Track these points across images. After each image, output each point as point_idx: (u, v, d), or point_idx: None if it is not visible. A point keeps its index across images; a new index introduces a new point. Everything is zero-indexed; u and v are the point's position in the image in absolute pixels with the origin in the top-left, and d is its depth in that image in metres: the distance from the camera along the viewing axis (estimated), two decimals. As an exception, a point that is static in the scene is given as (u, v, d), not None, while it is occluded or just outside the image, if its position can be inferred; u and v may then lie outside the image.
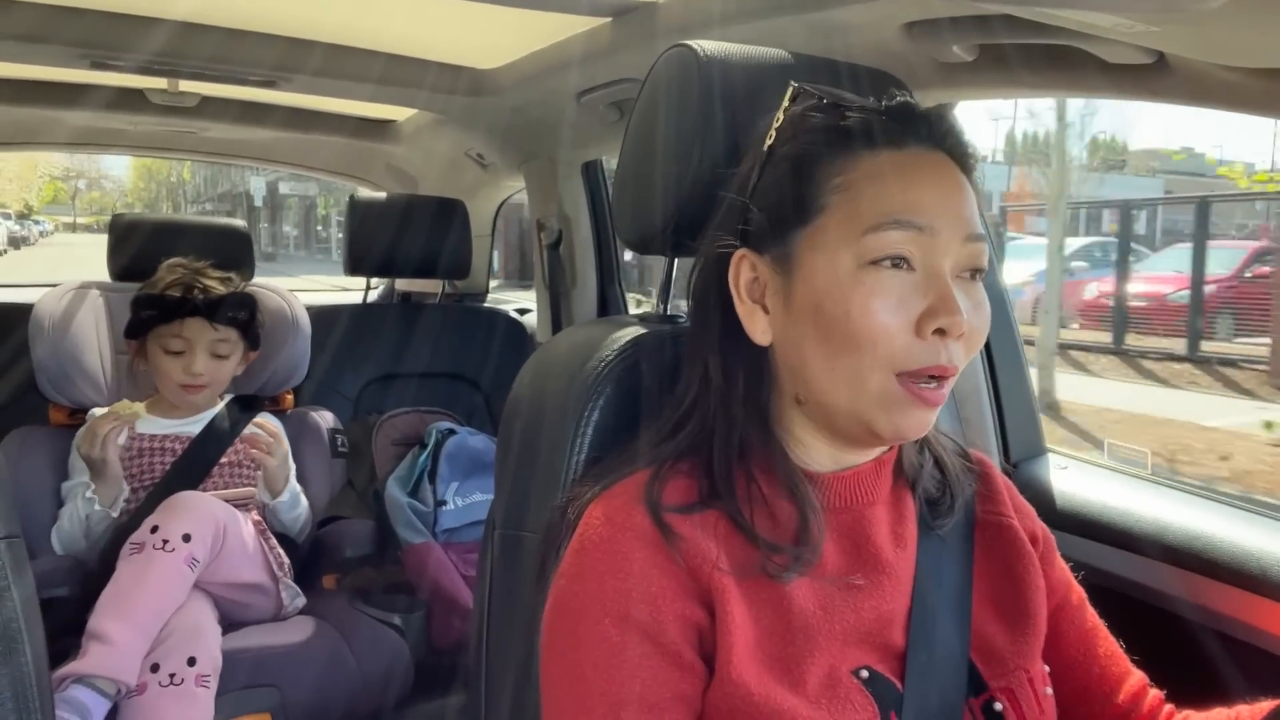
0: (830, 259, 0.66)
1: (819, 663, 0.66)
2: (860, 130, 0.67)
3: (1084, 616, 0.81)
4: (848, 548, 0.71)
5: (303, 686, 1.54)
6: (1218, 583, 0.99)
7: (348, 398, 2.20)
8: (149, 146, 2.82)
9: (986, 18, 0.99)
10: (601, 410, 0.78)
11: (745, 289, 0.70)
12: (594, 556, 0.66)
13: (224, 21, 1.65)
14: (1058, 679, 0.77)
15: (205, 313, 1.75)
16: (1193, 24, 0.71)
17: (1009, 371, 1.35)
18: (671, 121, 0.78)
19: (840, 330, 0.65)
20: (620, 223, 0.87)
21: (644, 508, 0.66)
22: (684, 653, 0.64)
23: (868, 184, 0.66)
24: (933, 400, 0.66)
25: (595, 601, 0.65)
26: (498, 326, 2.42)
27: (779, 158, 0.69)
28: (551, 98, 1.75)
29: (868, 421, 0.67)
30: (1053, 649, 0.78)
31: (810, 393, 0.69)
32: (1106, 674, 0.79)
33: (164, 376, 1.75)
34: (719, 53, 0.79)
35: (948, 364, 0.65)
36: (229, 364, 1.80)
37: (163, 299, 1.74)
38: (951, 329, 0.65)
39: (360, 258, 2.26)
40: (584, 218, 2.18)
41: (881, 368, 0.65)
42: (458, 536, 1.87)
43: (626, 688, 0.62)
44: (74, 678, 1.33)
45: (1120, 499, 1.14)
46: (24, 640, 0.91)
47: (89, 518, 1.65)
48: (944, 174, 0.68)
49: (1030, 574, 0.76)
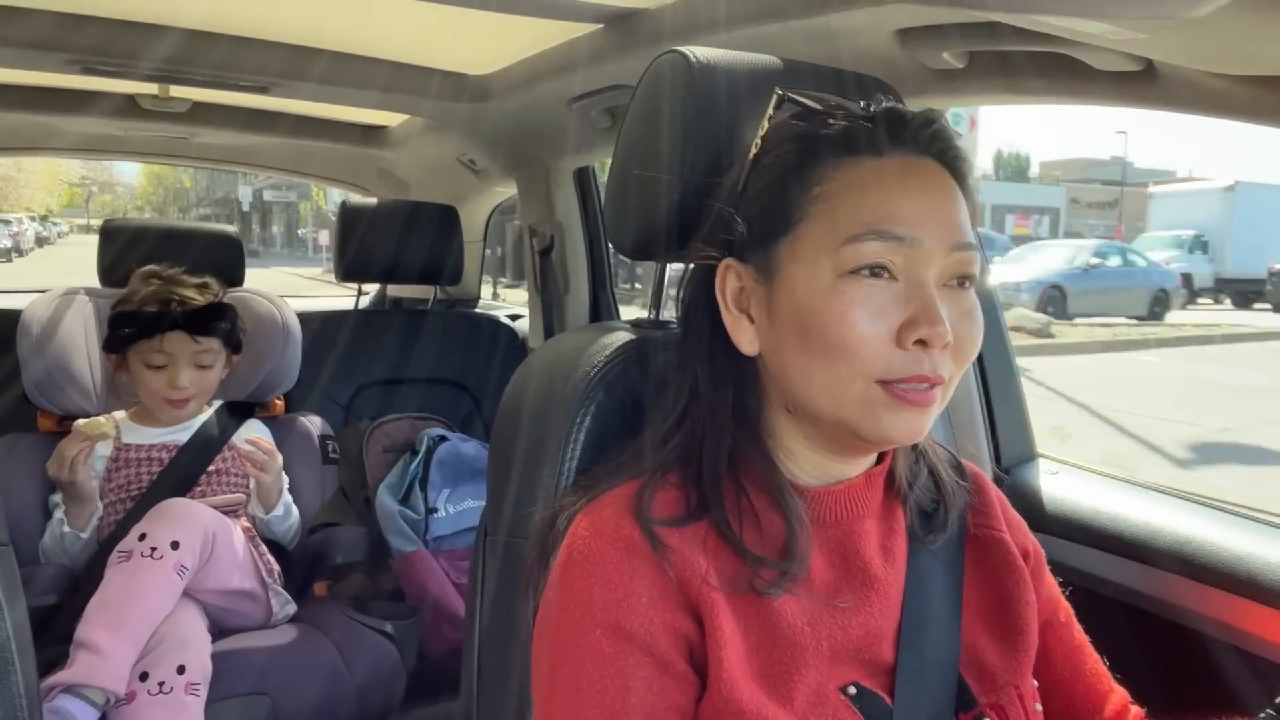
0: (810, 269, 0.65)
1: (807, 679, 0.65)
2: (841, 138, 0.67)
3: (1071, 634, 0.81)
4: (837, 563, 0.70)
5: (294, 694, 1.53)
6: (1206, 587, 1.00)
7: (339, 404, 2.20)
8: (143, 152, 2.81)
9: (977, 25, 1.00)
10: (594, 416, 0.78)
11: (732, 299, 0.70)
12: (582, 568, 0.65)
13: (217, 28, 1.65)
14: (1044, 695, 0.76)
15: (185, 326, 1.70)
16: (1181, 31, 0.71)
17: (1000, 377, 1.35)
18: (664, 128, 0.78)
19: (820, 340, 0.64)
20: (613, 229, 0.87)
21: (632, 519, 0.66)
22: (676, 662, 0.64)
23: (847, 194, 0.65)
24: (919, 402, 0.65)
25: (585, 613, 0.64)
26: (490, 332, 2.42)
27: (763, 167, 0.69)
28: (543, 104, 1.75)
29: (852, 427, 0.66)
30: (1040, 665, 0.77)
31: (795, 401, 0.68)
32: (1091, 691, 0.79)
33: (148, 391, 1.72)
34: (711, 59, 0.79)
35: (931, 373, 0.64)
36: (213, 373, 1.77)
37: (140, 315, 1.70)
38: (933, 340, 0.64)
39: (351, 264, 2.26)
40: (576, 224, 2.18)
41: (862, 377, 0.64)
42: (449, 544, 1.86)
43: (621, 699, 0.62)
44: (62, 687, 1.32)
45: (1110, 504, 1.15)
46: (13, 653, 0.90)
47: (63, 537, 1.63)
48: (928, 181, 0.67)
49: (1021, 588, 0.76)
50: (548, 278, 2.24)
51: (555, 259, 2.22)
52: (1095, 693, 0.79)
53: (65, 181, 39.76)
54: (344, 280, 2.30)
